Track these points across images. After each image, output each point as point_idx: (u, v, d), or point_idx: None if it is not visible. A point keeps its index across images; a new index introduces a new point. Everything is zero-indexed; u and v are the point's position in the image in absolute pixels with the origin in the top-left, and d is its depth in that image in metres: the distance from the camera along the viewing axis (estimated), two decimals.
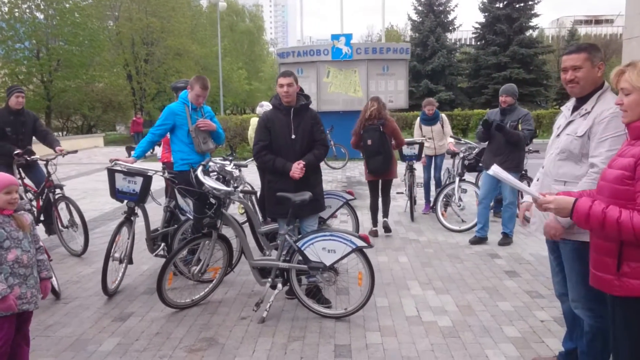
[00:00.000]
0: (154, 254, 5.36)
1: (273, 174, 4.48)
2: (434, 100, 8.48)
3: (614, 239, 2.23)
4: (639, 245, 2.16)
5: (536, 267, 5.52)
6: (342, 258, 4.10)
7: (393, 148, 6.91)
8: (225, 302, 4.65)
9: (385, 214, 7.02)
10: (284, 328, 4.10)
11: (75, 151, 6.60)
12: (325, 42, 16.90)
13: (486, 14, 39.13)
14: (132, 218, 5.00)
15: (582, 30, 52.92)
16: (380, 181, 6.95)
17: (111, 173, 4.90)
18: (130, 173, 4.89)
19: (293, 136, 4.43)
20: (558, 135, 3.11)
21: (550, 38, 53.59)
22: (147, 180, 4.91)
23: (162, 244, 5.39)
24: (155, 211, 5.85)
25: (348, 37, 16.04)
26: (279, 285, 4.32)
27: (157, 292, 4.30)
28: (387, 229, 6.94)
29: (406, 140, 8.10)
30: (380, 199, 7.01)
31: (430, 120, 8.27)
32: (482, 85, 38.13)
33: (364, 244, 4.03)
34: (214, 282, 4.72)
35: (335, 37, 16.04)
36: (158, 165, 6.32)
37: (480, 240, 6.46)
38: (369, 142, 6.56)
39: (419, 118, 8.55)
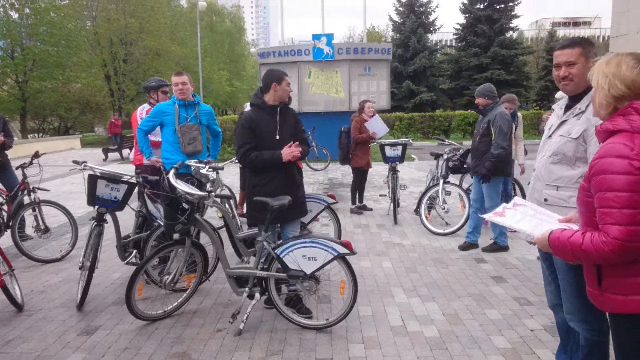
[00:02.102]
0: (125, 261, 5.08)
1: (259, 176, 4.23)
2: (515, 98, 7.19)
3: (591, 263, 2.08)
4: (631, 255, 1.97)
5: (523, 272, 5.35)
6: (323, 266, 3.87)
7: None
8: (199, 313, 4.40)
9: None
10: (262, 341, 3.85)
11: (38, 155, 6.30)
12: (307, 43, 16.67)
13: (467, 15, 39.30)
14: (101, 224, 4.73)
15: (561, 32, 53.43)
16: None
17: (93, 179, 4.63)
18: (114, 180, 4.66)
19: (278, 136, 4.20)
20: (550, 136, 2.90)
21: (529, 39, 54.07)
22: (131, 188, 4.73)
23: (134, 251, 5.11)
24: (126, 216, 5.57)
25: (329, 37, 15.83)
26: (257, 295, 4.07)
27: (126, 302, 4.03)
28: None
29: (389, 141, 7.95)
30: None
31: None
32: (463, 87, 38.25)
33: (346, 251, 3.81)
34: (187, 291, 4.46)
35: (316, 37, 15.81)
36: (131, 168, 6.06)
37: (470, 246, 6.23)
38: None
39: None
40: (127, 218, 5.72)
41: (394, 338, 3.86)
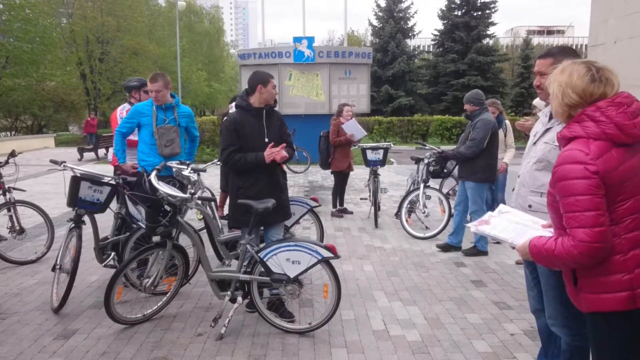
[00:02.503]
0: (103, 264, 5.00)
1: (243, 178, 4.19)
2: (498, 102, 7.09)
3: (568, 267, 2.14)
4: (621, 252, 2.04)
5: (502, 276, 5.41)
6: (307, 269, 3.86)
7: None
8: (180, 317, 4.33)
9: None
10: (243, 345, 3.82)
11: (14, 154, 6.14)
12: (286, 45, 16.66)
13: (445, 21, 39.68)
14: (80, 225, 4.65)
15: (535, 40, 54.35)
16: None
17: (76, 180, 4.53)
18: (98, 182, 4.58)
19: (267, 139, 4.17)
20: (535, 142, 2.92)
21: (505, 47, 54.88)
22: (114, 190, 4.67)
23: (112, 254, 5.03)
24: (104, 218, 5.46)
25: (310, 39, 15.84)
26: (239, 299, 4.03)
27: (104, 306, 3.95)
28: None
29: (370, 144, 7.98)
30: None
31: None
32: (441, 92, 38.61)
33: (330, 255, 3.80)
34: (168, 295, 4.40)
35: (297, 39, 15.81)
36: (110, 169, 5.95)
37: (448, 247, 6.32)
38: None
39: None
40: (105, 220, 5.61)
41: (377, 342, 3.86)
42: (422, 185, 7.13)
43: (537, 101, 6.51)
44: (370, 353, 3.70)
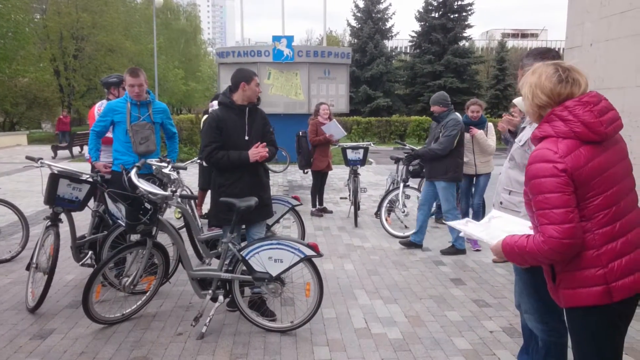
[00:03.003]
0: (80, 263, 4.92)
1: (225, 176, 4.17)
2: (481, 102, 6.94)
3: (540, 264, 2.20)
4: (594, 247, 2.08)
5: (480, 274, 5.48)
6: (289, 268, 3.85)
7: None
8: (160, 316, 4.28)
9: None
10: (225, 344, 3.79)
11: None
12: (264, 44, 16.58)
13: (422, 23, 40.03)
14: (57, 224, 4.56)
15: (510, 43, 55.14)
16: None
17: (55, 178, 4.44)
18: (77, 179, 4.51)
19: (247, 137, 4.15)
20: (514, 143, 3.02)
21: (480, 49, 55.59)
22: (94, 187, 4.61)
23: (90, 252, 4.95)
24: (82, 216, 5.38)
25: (289, 39, 15.80)
26: (220, 298, 4.00)
27: (82, 306, 3.88)
28: None
29: (350, 144, 8.00)
30: None
31: (474, 126, 6.67)
32: (418, 93, 38.94)
33: (313, 253, 3.80)
34: (147, 294, 4.34)
35: (276, 38, 15.75)
36: (87, 166, 5.85)
37: (410, 244, 6.43)
38: None
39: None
40: (82, 218, 5.53)
41: (359, 340, 3.87)
42: (401, 185, 7.18)
43: (517, 100, 6.62)
44: (352, 351, 3.71)
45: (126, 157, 4.98)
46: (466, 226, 2.56)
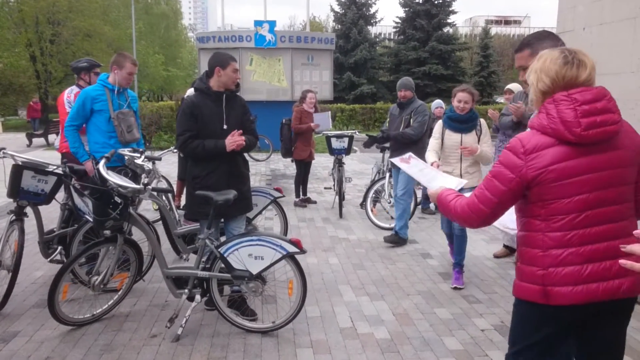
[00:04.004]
0: (49, 259, 4.63)
1: (200, 167, 3.91)
2: (473, 89, 4.92)
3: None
4: (523, 245, 2.09)
5: (469, 268, 5.30)
6: (270, 265, 3.61)
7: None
8: (133, 316, 4.03)
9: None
10: (202, 347, 3.56)
11: None
12: (247, 29, 16.20)
13: (406, 9, 39.72)
14: (22, 218, 4.27)
15: (493, 30, 55.10)
16: None
17: (18, 169, 4.14)
18: (42, 171, 4.21)
19: (225, 126, 3.88)
20: None
21: (464, 36, 55.54)
22: (60, 180, 4.31)
23: (59, 248, 4.66)
24: (50, 209, 5.08)
25: (272, 23, 15.44)
26: (197, 297, 3.76)
27: (48, 306, 3.62)
28: None
29: (335, 132, 7.77)
30: None
31: (463, 122, 4.84)
32: None
33: (295, 250, 3.57)
34: (120, 292, 4.08)
35: (258, 23, 15.39)
36: (57, 156, 5.54)
37: (398, 239, 6.16)
38: None
39: (443, 118, 5.01)
40: (51, 210, 5.23)
41: (344, 341, 3.67)
42: (387, 175, 6.97)
43: (513, 85, 6.45)
44: (338, 353, 3.50)
45: (108, 148, 4.69)
46: (408, 162, 2.79)
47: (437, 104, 8.26)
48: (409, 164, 2.79)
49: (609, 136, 1.93)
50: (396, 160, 2.88)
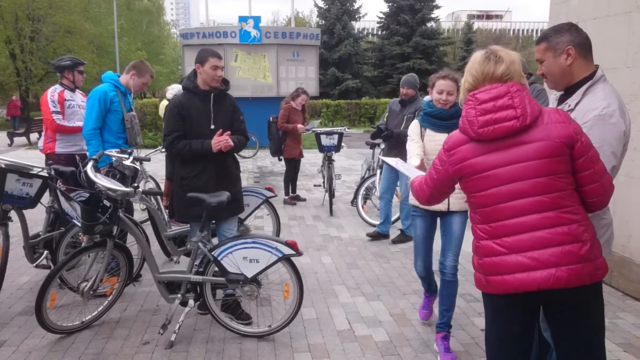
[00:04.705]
0: (35, 264, 4.49)
1: (188, 168, 3.79)
2: (455, 74, 3.64)
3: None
4: (476, 238, 2.14)
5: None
6: (266, 268, 3.52)
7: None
8: (123, 323, 3.91)
9: None
10: (197, 354, 3.46)
11: None
12: (229, 25, 16.02)
13: (390, 4, 39.65)
14: (6, 223, 4.12)
15: (475, 24, 55.34)
16: None
17: (2, 172, 3.99)
18: (27, 174, 4.07)
19: (212, 126, 3.76)
20: None
21: (447, 31, 55.67)
22: (46, 183, 4.19)
23: (45, 252, 4.52)
24: (35, 210, 4.92)
25: (257, 19, 15.28)
26: (191, 302, 3.65)
27: (35, 314, 3.49)
28: None
29: (325, 129, 7.69)
30: None
31: (448, 119, 3.65)
32: (386, 75, 38.68)
33: (292, 252, 3.47)
34: (109, 298, 3.96)
35: (243, 19, 15.21)
36: (40, 156, 5.39)
37: (379, 235, 6.19)
38: None
39: (420, 116, 3.86)
40: (35, 212, 5.07)
41: (342, 344, 3.59)
42: (378, 172, 6.90)
43: None
44: (337, 357, 3.42)
45: (117, 148, 4.62)
46: (397, 164, 2.92)
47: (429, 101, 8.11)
48: (397, 164, 2.97)
49: (509, 132, 2.01)
50: (390, 160, 2.98)
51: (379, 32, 43.21)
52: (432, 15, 39.72)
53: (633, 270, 4.42)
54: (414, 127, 3.74)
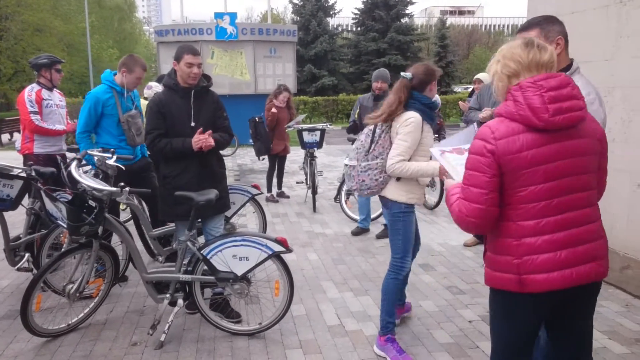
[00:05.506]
0: (16, 267, 4.40)
1: (170, 166, 3.75)
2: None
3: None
4: (490, 236, 2.11)
5: (448, 258, 5.32)
6: (256, 266, 3.50)
7: None
8: (111, 324, 3.86)
9: None
10: (188, 353, 3.43)
11: None
12: (207, 22, 15.85)
13: (365, 0, 39.76)
14: None
15: (448, 20, 55.83)
16: None
17: None
18: (7, 175, 4.00)
19: (193, 123, 3.72)
20: None
21: (420, 26, 56.04)
22: (27, 184, 4.11)
23: (27, 255, 4.44)
24: (15, 212, 4.81)
25: (233, 16, 15.12)
26: (180, 302, 3.62)
27: (21, 318, 3.41)
28: None
29: (307, 126, 7.68)
30: None
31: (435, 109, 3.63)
32: (363, 71, 38.74)
33: (282, 249, 3.47)
34: (96, 299, 3.89)
35: (218, 15, 15.03)
36: (14, 157, 5.27)
37: (362, 231, 6.24)
38: None
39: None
40: (15, 214, 4.96)
41: (333, 339, 3.60)
42: None
43: (483, 75, 6.43)
44: (328, 352, 3.43)
45: (122, 151, 4.50)
46: (443, 156, 2.38)
47: None
48: (443, 157, 2.36)
49: (575, 122, 1.96)
50: (436, 153, 2.37)
51: (355, 29, 43.28)
52: (407, 11, 39.95)
53: (615, 259, 4.52)
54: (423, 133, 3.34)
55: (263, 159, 8.10)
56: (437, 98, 3.94)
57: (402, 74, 3.46)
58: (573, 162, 1.97)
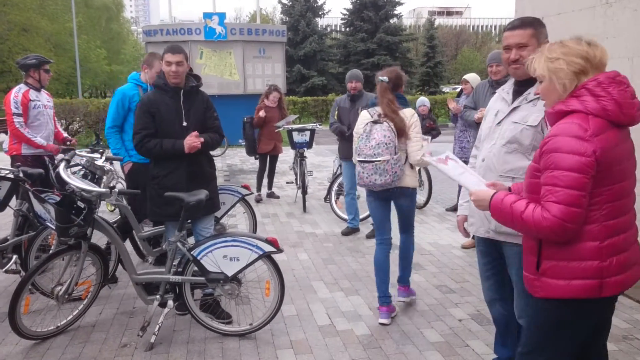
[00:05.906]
0: (4, 269, 4.36)
1: (159, 167, 3.73)
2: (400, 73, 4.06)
3: (525, 234, 2.06)
4: (556, 243, 1.95)
5: (438, 257, 5.35)
6: (247, 266, 3.50)
7: None
8: (100, 326, 3.83)
9: None
10: (178, 355, 3.41)
11: None
12: (196, 22, 15.80)
13: (354, 0, 39.85)
14: None
15: (436, 21, 56.14)
16: None
17: None
18: None
19: (185, 123, 3.71)
20: (499, 123, 2.69)
21: (409, 27, 56.29)
22: (15, 185, 4.08)
23: (14, 257, 4.39)
24: (2, 214, 4.77)
25: (221, 16, 15.09)
26: (170, 303, 3.61)
27: (9, 321, 3.38)
28: None
29: (297, 126, 7.68)
30: None
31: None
32: None
33: (272, 249, 3.47)
34: (85, 302, 3.86)
35: (207, 15, 14.99)
36: (6, 159, 5.22)
37: (352, 230, 6.27)
38: None
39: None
40: (3, 216, 4.92)
41: (324, 339, 3.61)
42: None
43: (470, 76, 6.46)
44: (319, 352, 3.43)
45: None
46: (445, 166, 2.33)
47: (422, 101, 7.78)
48: (447, 165, 2.35)
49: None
50: (432, 160, 2.39)
51: (344, 29, 43.35)
52: (395, 12, 40.11)
53: None
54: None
55: (257, 158, 8.09)
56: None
57: (380, 77, 3.89)
58: (632, 162, 1.99)
